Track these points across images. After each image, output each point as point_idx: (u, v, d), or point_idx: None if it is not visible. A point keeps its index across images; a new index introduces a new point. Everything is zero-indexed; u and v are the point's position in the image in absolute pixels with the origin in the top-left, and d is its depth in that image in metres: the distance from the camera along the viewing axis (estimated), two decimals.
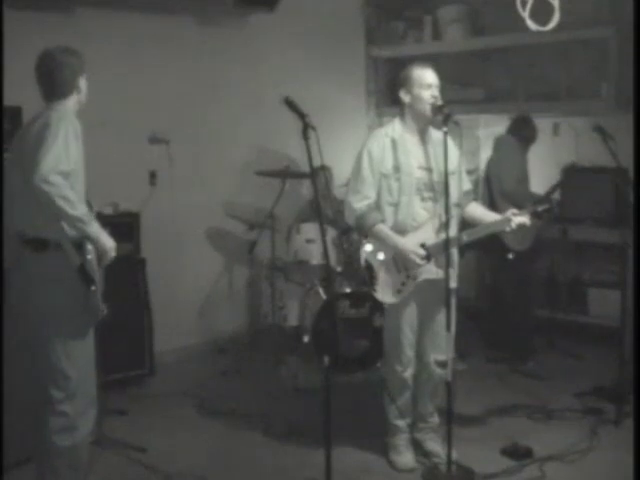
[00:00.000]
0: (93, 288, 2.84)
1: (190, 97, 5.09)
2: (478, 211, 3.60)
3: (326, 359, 2.87)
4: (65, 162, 2.73)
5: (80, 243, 2.83)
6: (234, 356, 5.05)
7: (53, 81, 2.93)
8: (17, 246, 2.90)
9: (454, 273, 3.45)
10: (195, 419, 4.15)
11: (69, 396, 2.91)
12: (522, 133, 5.09)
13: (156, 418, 4.13)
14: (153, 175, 4.92)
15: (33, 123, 2.87)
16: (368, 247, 3.47)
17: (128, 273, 4.47)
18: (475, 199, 3.72)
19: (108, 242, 2.92)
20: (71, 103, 2.96)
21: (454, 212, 3.38)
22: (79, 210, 2.77)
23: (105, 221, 3.14)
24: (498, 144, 5.17)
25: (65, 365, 2.89)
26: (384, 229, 3.41)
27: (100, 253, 2.90)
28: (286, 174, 4.92)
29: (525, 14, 4.36)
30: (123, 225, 4.44)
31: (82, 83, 3.00)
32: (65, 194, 2.70)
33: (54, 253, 2.83)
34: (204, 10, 5.12)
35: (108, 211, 4.38)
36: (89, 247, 2.84)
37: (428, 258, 3.37)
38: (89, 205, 2.97)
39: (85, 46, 3.09)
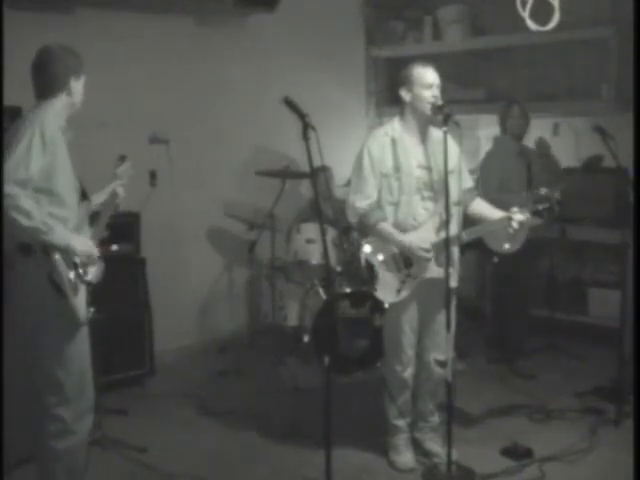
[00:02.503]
0: (64, 296, 2.74)
1: (190, 97, 5.09)
2: (484, 208, 3.58)
3: (326, 359, 2.87)
4: (23, 170, 2.60)
5: (47, 251, 2.70)
6: (234, 356, 5.04)
7: (43, 76, 2.85)
8: (11, 249, 2.84)
9: (454, 272, 3.44)
10: (195, 419, 4.15)
11: (64, 400, 2.85)
12: (508, 127, 4.91)
13: (156, 418, 4.13)
14: (153, 175, 4.90)
15: (15, 126, 2.78)
16: (367, 248, 3.47)
17: (128, 273, 4.48)
18: (479, 195, 3.70)
19: (81, 246, 2.78)
20: (59, 104, 2.85)
21: (454, 211, 3.38)
22: (35, 220, 2.61)
23: None
24: (492, 146, 5.10)
25: (57, 369, 2.84)
26: (387, 227, 3.41)
27: (80, 258, 2.79)
28: (286, 174, 4.93)
29: (525, 14, 4.37)
30: (123, 225, 4.44)
31: (75, 85, 2.89)
32: (18, 204, 2.57)
33: (37, 257, 2.73)
34: (203, 10, 5.12)
35: None
36: (56, 256, 2.70)
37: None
38: (81, 201, 2.91)
39: (85, 46, 3.08)
